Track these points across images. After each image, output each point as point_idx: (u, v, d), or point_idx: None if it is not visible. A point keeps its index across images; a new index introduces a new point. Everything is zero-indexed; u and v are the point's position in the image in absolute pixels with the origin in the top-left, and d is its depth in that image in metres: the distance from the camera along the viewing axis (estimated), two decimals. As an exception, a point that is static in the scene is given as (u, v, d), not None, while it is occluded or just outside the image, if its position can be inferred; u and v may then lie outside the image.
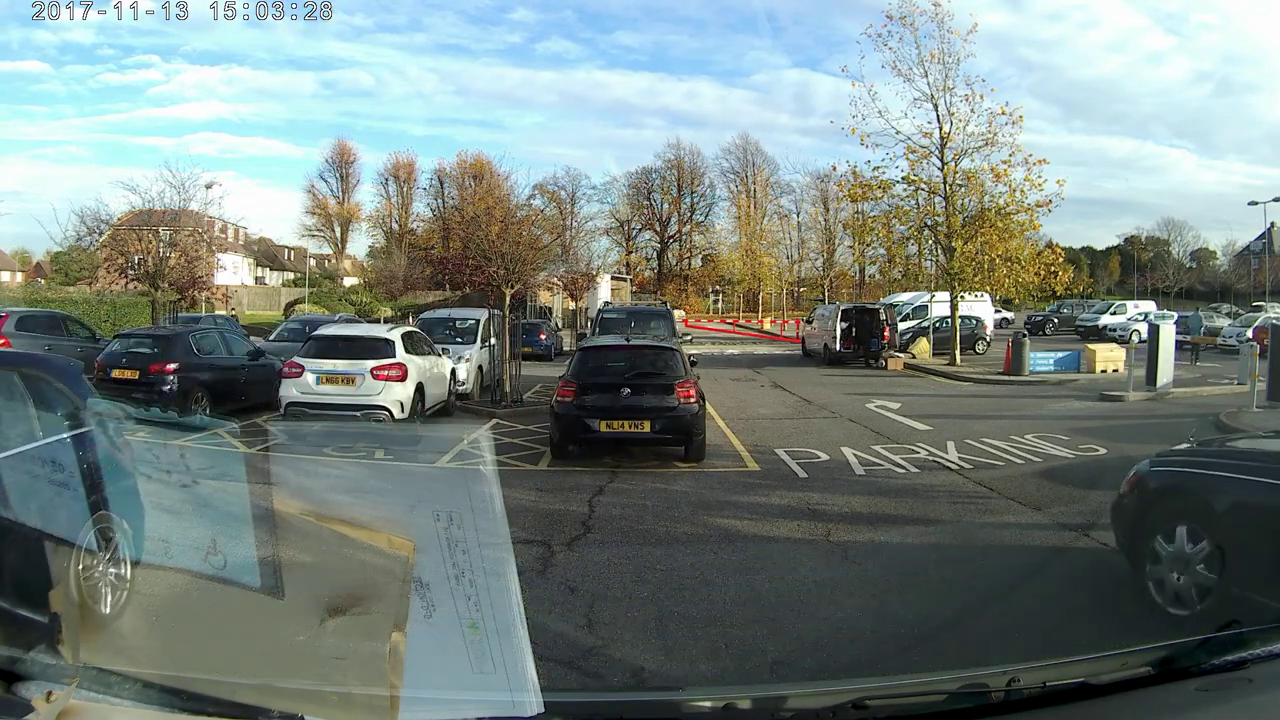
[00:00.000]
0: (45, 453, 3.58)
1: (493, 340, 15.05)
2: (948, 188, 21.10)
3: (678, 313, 26.09)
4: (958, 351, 21.36)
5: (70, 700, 1.38)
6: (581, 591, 4.91)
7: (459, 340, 14.86)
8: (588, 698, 2.72)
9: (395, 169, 62.99)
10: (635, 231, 64.43)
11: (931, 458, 9.31)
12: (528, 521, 6.45)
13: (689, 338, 26.97)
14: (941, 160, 20.99)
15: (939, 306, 23.91)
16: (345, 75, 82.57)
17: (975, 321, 25.43)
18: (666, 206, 64.27)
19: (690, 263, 63.53)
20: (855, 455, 9.40)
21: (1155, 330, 16.22)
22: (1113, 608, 4.54)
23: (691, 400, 8.87)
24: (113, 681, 1.52)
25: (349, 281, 58.29)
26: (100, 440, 3.84)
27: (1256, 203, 44.43)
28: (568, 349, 24.42)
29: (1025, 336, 19.95)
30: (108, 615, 3.61)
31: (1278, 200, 41.58)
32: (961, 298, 22.02)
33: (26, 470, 3.27)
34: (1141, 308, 35.90)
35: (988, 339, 25.98)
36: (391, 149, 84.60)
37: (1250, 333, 22.34)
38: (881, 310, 23.41)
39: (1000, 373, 18.84)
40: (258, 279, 57.28)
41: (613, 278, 43.96)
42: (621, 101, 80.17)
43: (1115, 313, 35.41)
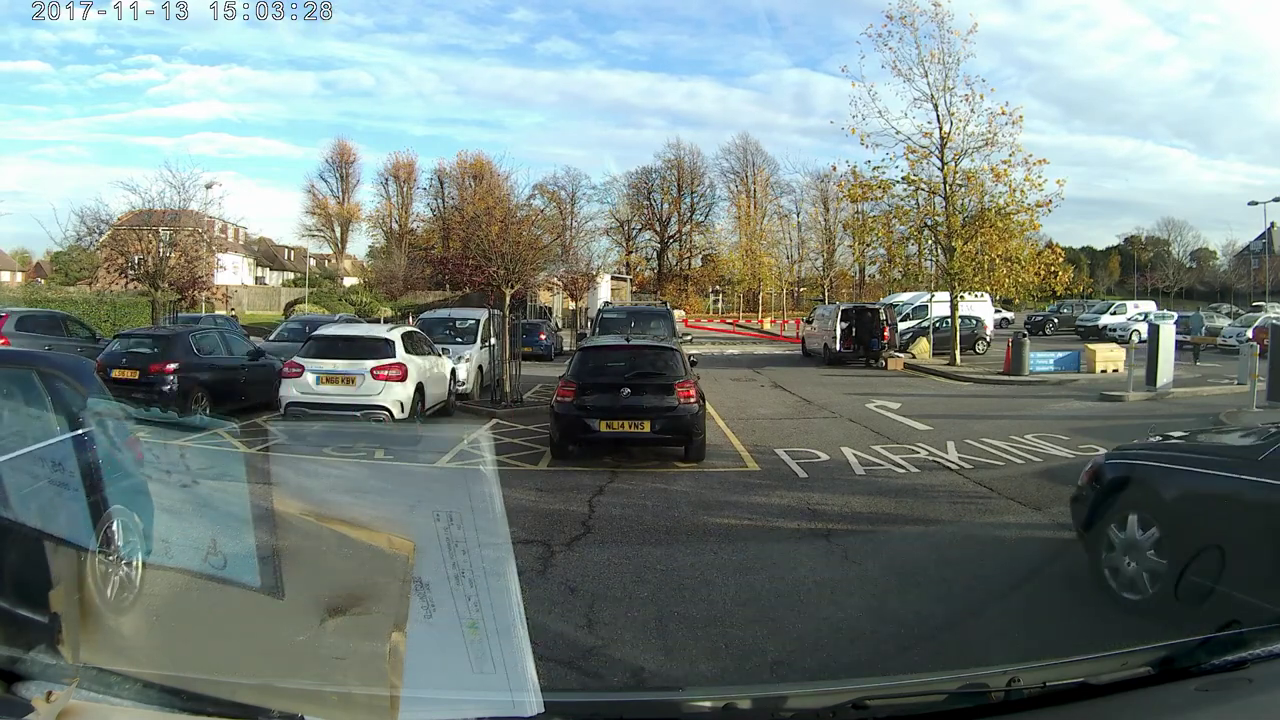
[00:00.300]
0: (64, 448, 3.68)
1: (493, 340, 15.05)
2: (948, 188, 21.10)
3: (678, 313, 26.09)
4: (958, 351, 21.36)
5: (70, 700, 1.38)
6: (581, 591, 4.90)
7: (459, 340, 14.86)
8: (588, 698, 2.72)
9: (395, 169, 63.11)
10: (635, 231, 64.49)
11: (931, 458, 9.31)
12: (528, 521, 6.44)
13: (689, 338, 26.96)
14: (941, 160, 20.99)
15: (939, 306, 23.91)
16: (345, 75, 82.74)
17: (975, 321, 25.43)
18: (666, 206, 64.35)
19: (690, 263, 63.55)
20: (855, 455, 9.40)
21: (1155, 330, 16.22)
22: (1113, 608, 4.54)
23: (691, 400, 8.87)
24: (113, 681, 1.52)
25: (349, 281, 58.30)
26: (114, 437, 3.96)
27: (1256, 203, 44.57)
28: (568, 349, 24.41)
29: (1025, 336, 19.95)
30: (121, 607, 3.73)
31: (1278, 200, 41.67)
32: (961, 298, 22.01)
33: (47, 465, 3.36)
34: (1141, 308, 35.93)
35: (988, 339, 25.98)
36: (391, 149, 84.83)
37: (1250, 333, 22.35)
38: (881, 310, 23.41)
39: (1000, 373, 18.84)
40: (258, 279, 57.28)
41: (613, 278, 43.97)
42: (622, 101, 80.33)
43: (1115, 313, 35.43)
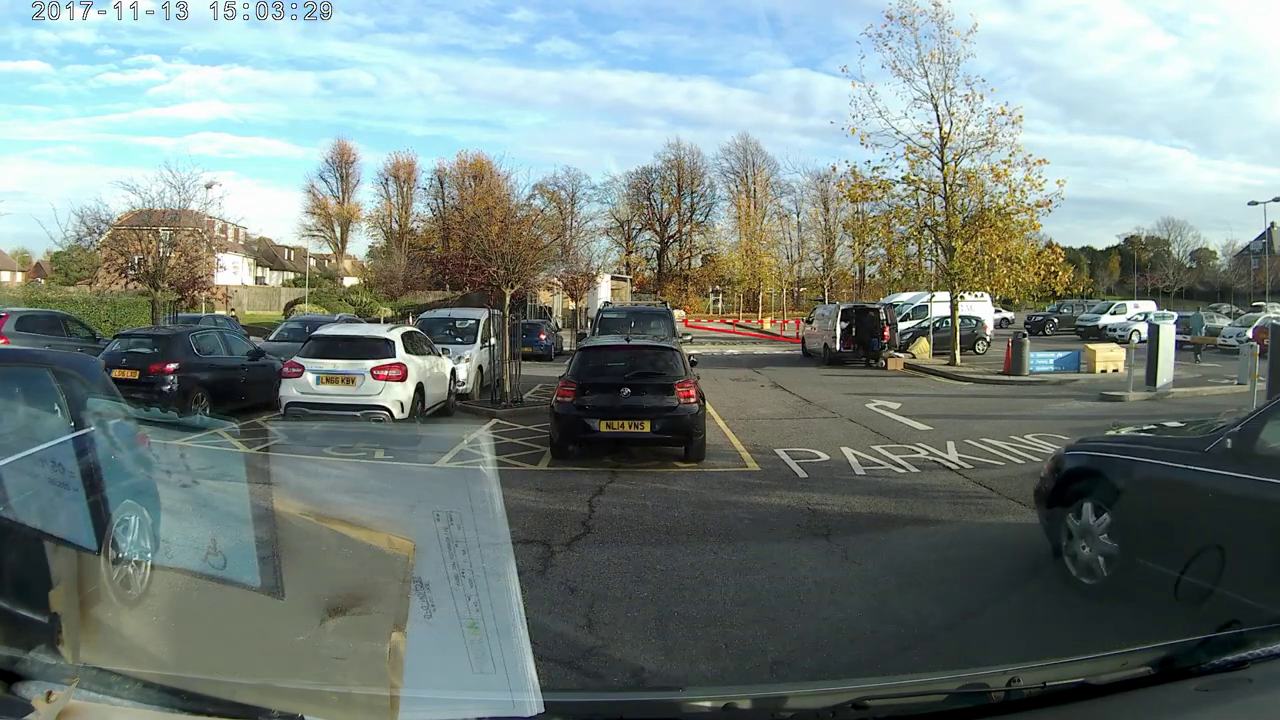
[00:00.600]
0: (78, 445, 3.76)
1: (493, 340, 15.05)
2: (948, 188, 21.10)
3: (678, 313, 26.09)
4: (958, 351, 21.35)
5: (70, 700, 1.38)
6: (581, 591, 4.90)
7: (459, 340, 14.86)
8: (588, 698, 2.72)
9: (395, 169, 63.12)
10: (635, 231, 64.51)
11: (931, 458, 9.31)
12: (528, 521, 6.44)
13: (689, 338, 26.96)
14: (941, 160, 20.99)
15: (939, 306, 23.90)
16: (346, 75, 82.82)
17: (975, 321, 25.42)
18: (666, 206, 64.36)
19: (690, 263, 63.55)
20: (855, 455, 9.40)
21: (1155, 330, 16.22)
22: (1114, 608, 4.53)
23: (691, 400, 8.87)
24: (113, 681, 1.52)
25: (349, 281, 58.31)
26: (124, 434, 4.09)
27: (1256, 203, 44.60)
28: (568, 349, 24.41)
29: (1025, 336, 19.95)
30: (132, 600, 3.82)
31: (1278, 200, 41.71)
32: (961, 298, 22.01)
33: (64, 462, 3.45)
34: (1141, 308, 35.92)
35: (988, 339, 25.97)
36: (392, 149, 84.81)
37: (1250, 333, 22.35)
38: (881, 310, 23.39)
39: (1000, 373, 18.84)
40: (258, 279, 57.30)
41: (613, 278, 43.98)
42: (622, 101, 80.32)
43: (1115, 313, 35.43)
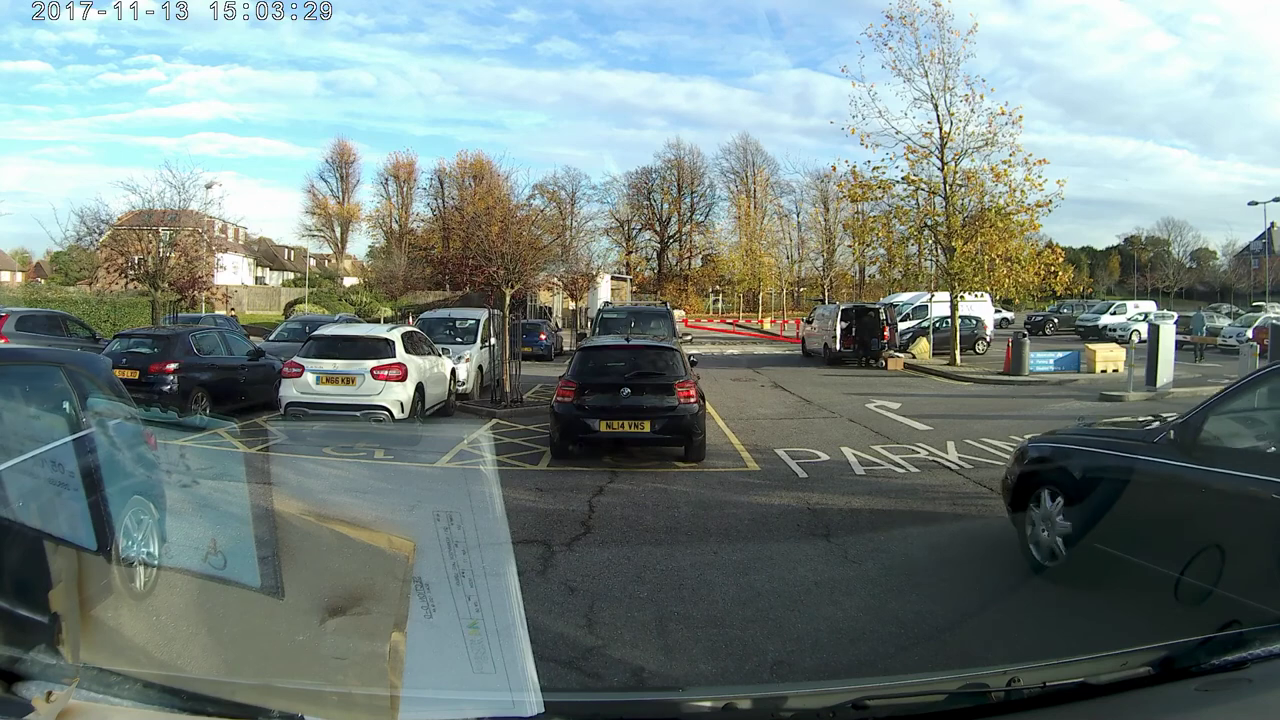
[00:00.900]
0: (89, 442, 3.82)
1: (493, 340, 15.06)
2: (948, 188, 21.08)
3: (678, 313, 26.08)
4: (958, 351, 21.35)
5: (70, 700, 1.38)
6: (581, 591, 4.90)
7: (459, 340, 14.86)
8: (588, 698, 2.72)
9: (395, 169, 63.10)
10: (635, 231, 64.54)
11: (931, 458, 9.30)
12: (528, 521, 6.44)
13: (689, 338, 26.98)
14: (941, 160, 20.97)
15: (939, 306, 23.88)
16: (347, 75, 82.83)
17: (975, 321, 25.40)
18: (666, 206, 64.40)
19: (690, 263, 63.58)
20: (855, 455, 9.40)
21: (1155, 330, 16.22)
22: (1114, 608, 4.54)
23: (691, 400, 8.86)
24: (113, 681, 1.52)
25: (349, 281, 58.29)
26: (132, 431, 4.19)
27: (1257, 203, 44.59)
28: (568, 349, 24.41)
29: (1025, 336, 19.94)
30: (142, 594, 3.88)
31: (1278, 200, 41.71)
32: (961, 298, 21.99)
33: (77, 458, 3.50)
34: (1141, 308, 35.92)
35: (988, 339, 25.96)
36: (392, 149, 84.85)
37: (1250, 333, 22.37)
38: (881, 310, 23.39)
39: (1000, 373, 18.83)
40: (258, 279, 57.31)
41: (613, 278, 43.98)
42: (623, 102, 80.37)
43: (1115, 313, 35.43)
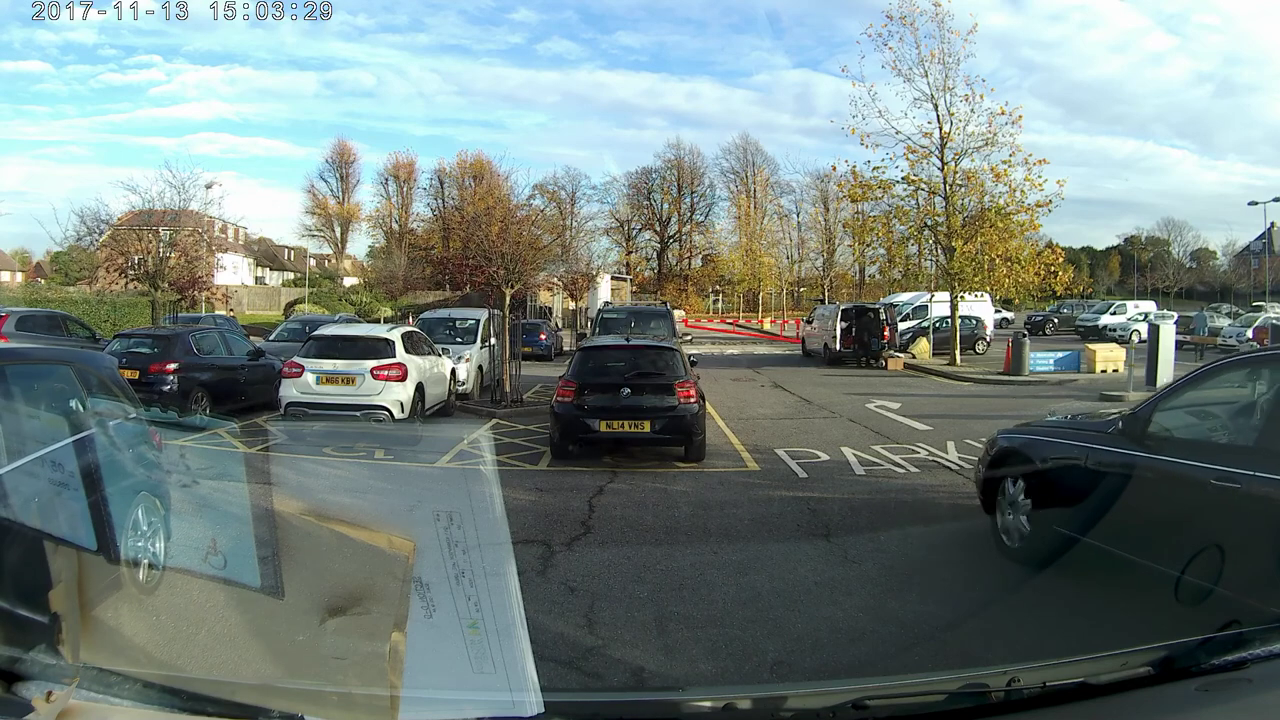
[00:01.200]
0: (100, 440, 3.89)
1: (493, 340, 15.06)
2: (948, 188, 21.08)
3: (678, 313, 26.09)
4: (958, 351, 21.35)
5: (70, 700, 1.38)
6: (581, 591, 4.90)
7: (459, 340, 14.86)
8: (588, 698, 2.72)
9: (395, 169, 63.08)
10: (635, 231, 64.54)
11: (931, 458, 9.30)
12: (528, 521, 6.44)
13: (689, 338, 26.97)
14: (941, 160, 20.98)
15: (939, 306, 23.88)
16: (347, 75, 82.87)
17: (975, 321, 25.40)
18: (666, 206, 64.40)
19: (690, 263, 63.58)
20: (855, 455, 9.40)
21: (1155, 330, 16.22)
22: (1114, 608, 4.54)
23: (691, 400, 8.86)
24: (113, 681, 1.52)
25: (349, 281, 58.28)
26: (140, 429, 4.28)
27: (1257, 203, 44.62)
28: (568, 349, 24.41)
29: (1025, 336, 19.94)
30: (150, 588, 3.94)
31: (1278, 200, 41.73)
32: (961, 298, 21.99)
33: (88, 455, 3.56)
34: (1141, 308, 35.94)
35: (988, 339, 25.96)
36: (392, 149, 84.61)
37: (1250, 333, 22.40)
38: (881, 310, 23.39)
39: (1000, 373, 18.83)
40: (258, 279, 57.31)
41: (613, 278, 43.99)
42: (623, 102, 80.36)
43: (1115, 313, 35.45)
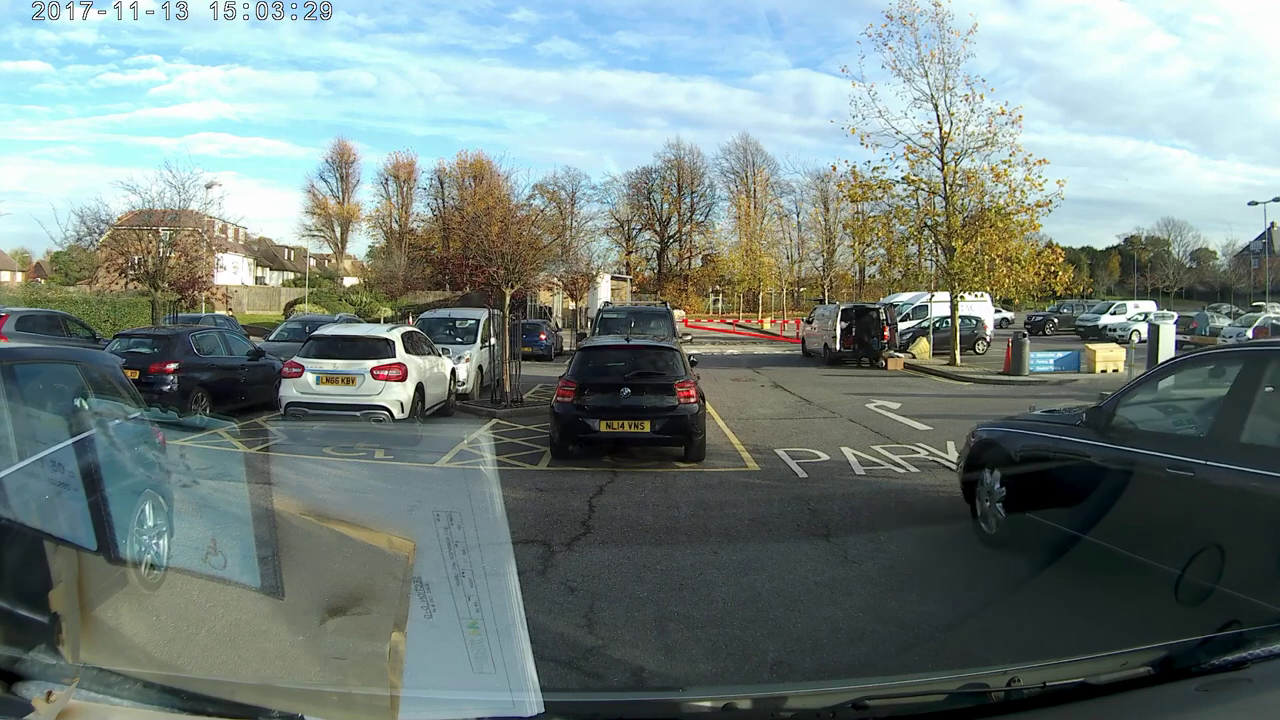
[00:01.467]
0: (107, 437, 3.93)
1: (493, 340, 15.06)
2: (948, 188, 21.09)
3: (678, 313, 26.09)
4: (958, 351, 21.35)
5: (70, 700, 1.38)
6: (581, 591, 4.90)
7: (459, 340, 14.86)
8: (588, 698, 2.72)
9: (395, 169, 63.08)
10: (635, 231, 64.55)
11: (931, 458, 9.30)
12: (528, 521, 6.44)
13: (689, 338, 26.98)
14: (941, 160, 20.98)
15: (939, 306, 23.88)
16: (347, 75, 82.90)
17: (975, 321, 25.41)
18: (666, 206, 64.41)
19: (690, 263, 63.59)
20: (855, 455, 9.40)
21: (1155, 330, 16.24)
22: (1114, 608, 4.54)
23: (691, 400, 8.86)
24: (113, 681, 1.52)
25: (349, 281, 58.28)
26: (144, 428, 4.36)
27: (1257, 203, 44.71)
28: (568, 349, 24.41)
29: (1025, 336, 19.95)
30: (154, 583, 3.98)
31: (1278, 200, 41.76)
32: (961, 298, 21.99)
33: (99, 452, 3.60)
34: (1141, 308, 35.97)
35: (988, 339, 25.97)
36: (392, 149, 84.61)
37: (1250, 332, 22.40)
38: (881, 310, 23.38)
39: (1000, 373, 18.84)
40: (258, 279, 57.32)
41: (613, 278, 44.00)
42: (623, 102, 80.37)
43: (1115, 313, 35.47)
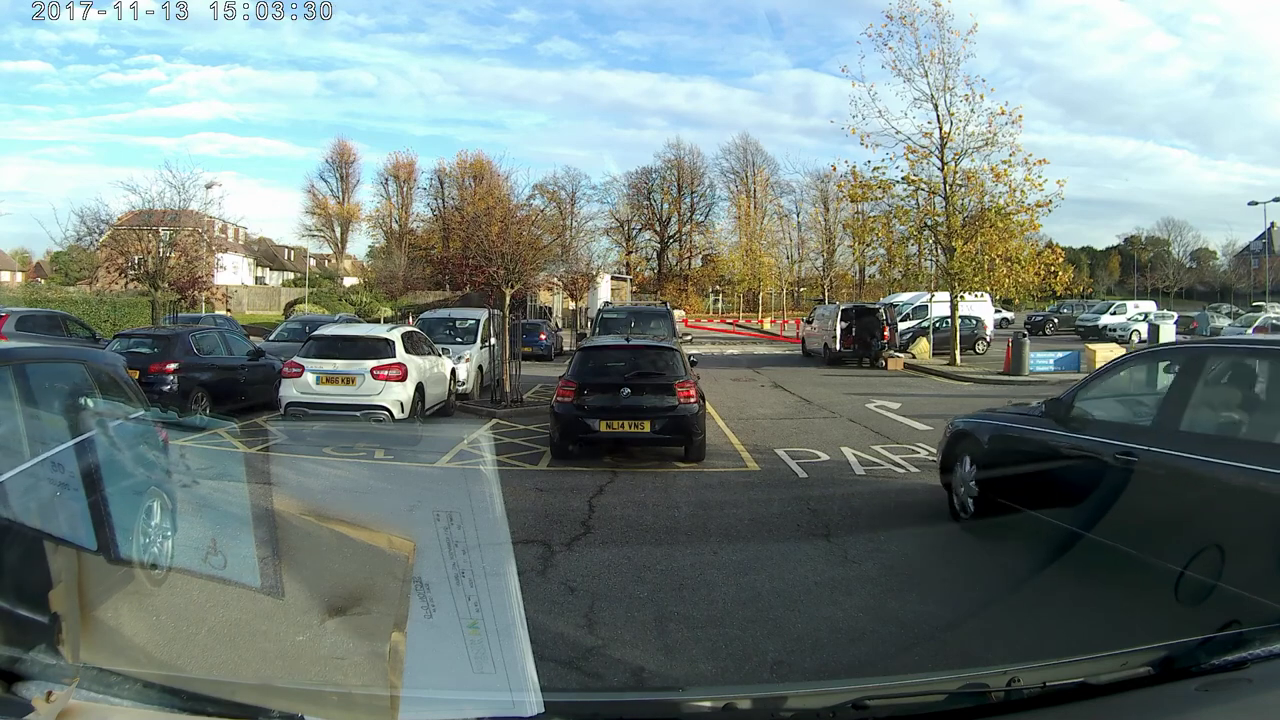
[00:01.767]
0: (114, 436, 3.98)
1: (493, 340, 15.06)
2: (948, 188, 21.09)
3: (678, 313, 26.09)
4: (958, 351, 21.36)
5: (70, 700, 1.38)
6: (581, 591, 4.90)
7: (459, 340, 14.86)
8: (588, 698, 2.71)
9: (395, 169, 63.09)
10: (635, 231, 64.56)
11: (931, 458, 9.25)
12: (528, 521, 6.43)
13: (689, 338, 26.98)
14: (941, 160, 20.98)
15: (939, 306, 23.88)
16: (347, 75, 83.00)
17: (975, 321, 25.41)
18: (666, 206, 64.42)
19: (690, 263, 63.60)
20: (855, 455, 9.40)
21: (1155, 330, 16.26)
22: (1114, 608, 4.54)
23: (691, 400, 8.86)
24: (113, 681, 1.52)
25: (349, 281, 58.29)
26: (149, 427, 4.42)
27: (1257, 203, 44.78)
28: (568, 349, 24.41)
29: (1025, 336, 19.97)
30: (158, 580, 4.01)
31: (1278, 200, 41.79)
32: (961, 298, 21.99)
33: (105, 451, 3.63)
34: (1141, 308, 35.95)
35: (988, 339, 25.97)
36: (392, 149, 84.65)
37: (1251, 332, 22.40)
38: (881, 310, 23.40)
39: (1000, 373, 18.84)
40: (258, 279, 57.34)
41: (613, 278, 43.99)
42: (623, 102, 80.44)
43: (1115, 313, 35.45)
